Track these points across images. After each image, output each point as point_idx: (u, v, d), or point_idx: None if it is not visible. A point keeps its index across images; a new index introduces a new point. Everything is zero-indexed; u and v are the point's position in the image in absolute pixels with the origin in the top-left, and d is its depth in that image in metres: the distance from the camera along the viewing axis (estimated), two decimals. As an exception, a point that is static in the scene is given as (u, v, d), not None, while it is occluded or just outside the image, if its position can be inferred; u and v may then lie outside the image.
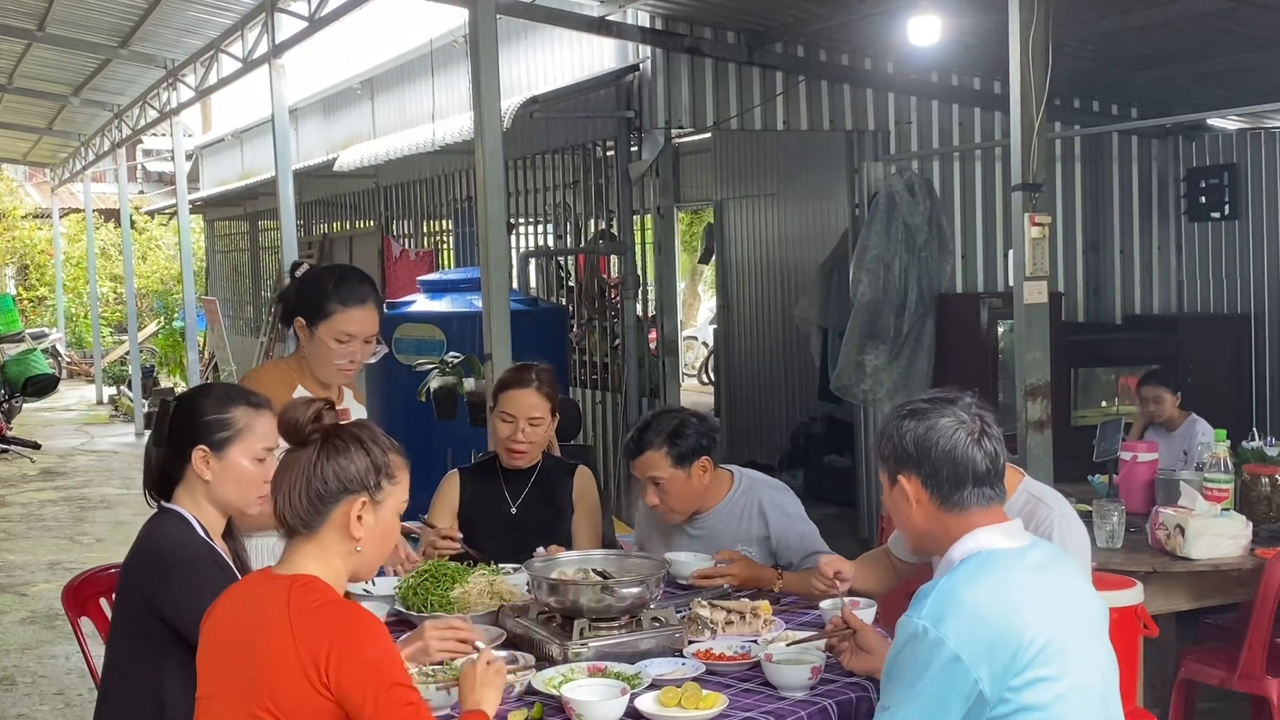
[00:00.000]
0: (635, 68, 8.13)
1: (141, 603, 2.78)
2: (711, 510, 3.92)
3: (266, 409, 2.91)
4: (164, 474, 2.93)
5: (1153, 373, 6.37)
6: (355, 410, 3.82)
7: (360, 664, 2.24)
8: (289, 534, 2.41)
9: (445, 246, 12.87)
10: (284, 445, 2.49)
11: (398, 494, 2.47)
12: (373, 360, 3.72)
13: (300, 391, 3.55)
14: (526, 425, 4.00)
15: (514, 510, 4.02)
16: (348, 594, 2.67)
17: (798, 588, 3.72)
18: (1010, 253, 5.68)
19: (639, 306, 8.93)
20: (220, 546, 2.90)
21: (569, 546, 3.93)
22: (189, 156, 18.87)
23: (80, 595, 3.70)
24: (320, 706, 2.25)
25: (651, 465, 3.80)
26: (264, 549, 3.34)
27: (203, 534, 2.86)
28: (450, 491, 4.12)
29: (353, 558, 2.42)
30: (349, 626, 2.27)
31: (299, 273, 3.70)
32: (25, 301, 24.18)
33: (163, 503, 2.92)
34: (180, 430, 2.90)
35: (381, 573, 4.02)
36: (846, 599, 3.19)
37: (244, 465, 2.88)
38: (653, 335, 8.99)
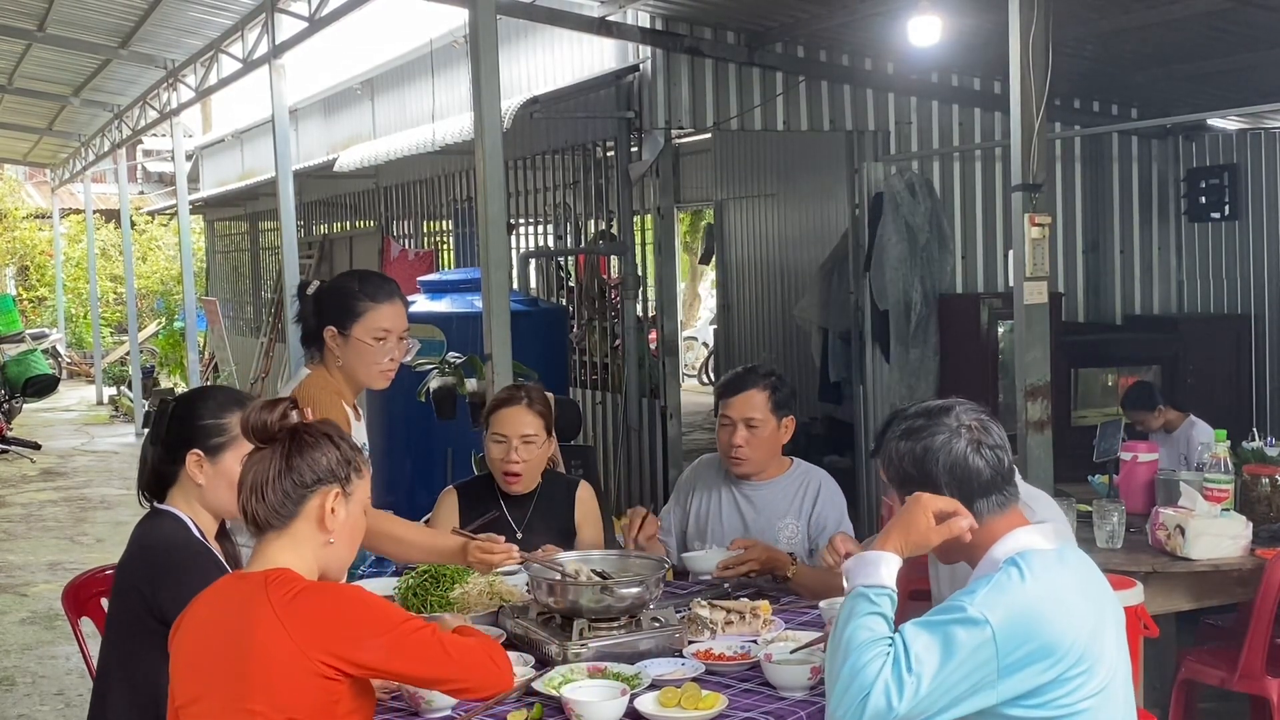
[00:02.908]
0: (635, 68, 8.13)
1: (140, 603, 2.78)
2: (769, 481, 4.04)
3: None
4: (158, 474, 2.93)
5: (1127, 398, 6.42)
6: (355, 427, 3.78)
7: (362, 632, 2.29)
8: (259, 531, 2.43)
9: (445, 247, 12.88)
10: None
11: (364, 489, 2.51)
12: (408, 358, 3.71)
13: (343, 406, 3.55)
14: (520, 444, 3.90)
15: (519, 535, 3.86)
16: None
17: (807, 581, 3.73)
18: (1010, 253, 5.68)
19: (639, 307, 8.93)
20: (214, 548, 2.90)
21: (572, 545, 3.92)
22: (189, 157, 18.87)
23: (80, 596, 3.70)
24: (321, 689, 2.28)
25: (751, 405, 3.94)
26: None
27: (199, 535, 2.86)
28: (449, 511, 4.01)
29: (325, 550, 2.45)
30: (335, 603, 2.32)
31: (311, 291, 3.68)
32: (25, 302, 24.18)
33: (156, 503, 2.92)
34: (176, 432, 2.91)
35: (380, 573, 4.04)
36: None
37: (237, 471, 2.86)
38: (653, 335, 8.98)
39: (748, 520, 4.00)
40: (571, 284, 10.30)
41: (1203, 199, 8.87)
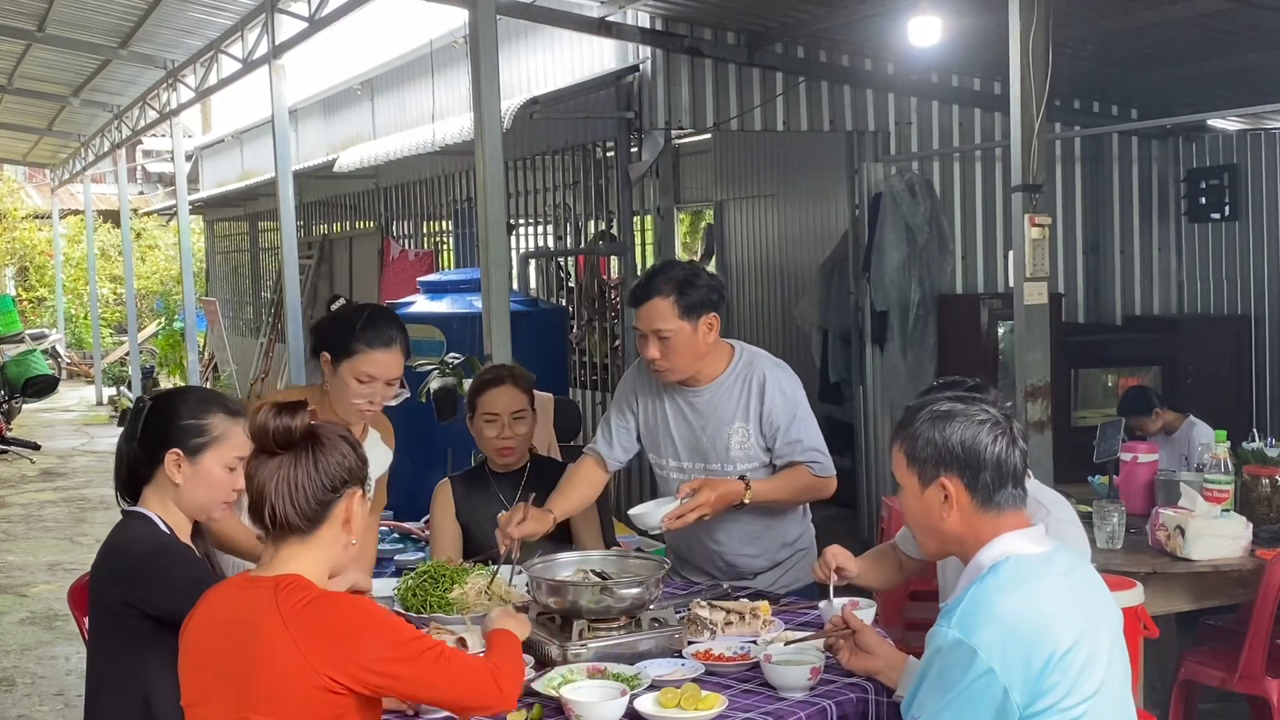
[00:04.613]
0: (635, 68, 8.13)
1: (117, 605, 2.77)
2: (710, 383, 3.77)
3: (243, 417, 2.88)
4: (134, 473, 2.92)
5: (1123, 404, 6.41)
6: (380, 452, 3.79)
7: (368, 648, 2.26)
8: (282, 537, 2.39)
9: (445, 247, 12.88)
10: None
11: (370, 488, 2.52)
12: (394, 403, 3.70)
13: None
14: (511, 420, 4.02)
15: None
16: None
17: (765, 497, 3.66)
18: (1010, 253, 5.69)
19: (639, 307, 8.91)
20: (188, 546, 2.89)
21: (570, 545, 3.93)
22: (189, 157, 18.88)
23: (85, 595, 3.70)
24: (326, 702, 2.26)
25: (657, 315, 3.64)
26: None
27: (169, 532, 2.85)
28: (447, 500, 4.12)
29: (344, 550, 2.43)
30: (343, 617, 2.29)
31: (335, 306, 3.71)
32: (25, 302, 24.17)
33: (127, 506, 2.92)
34: (154, 432, 2.88)
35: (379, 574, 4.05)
36: (846, 599, 3.19)
37: (216, 472, 2.86)
38: (653, 336, 8.96)
39: (695, 428, 3.81)
40: (571, 284, 10.31)
41: (1203, 199, 8.87)
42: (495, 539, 3.73)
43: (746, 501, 3.63)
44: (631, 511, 3.71)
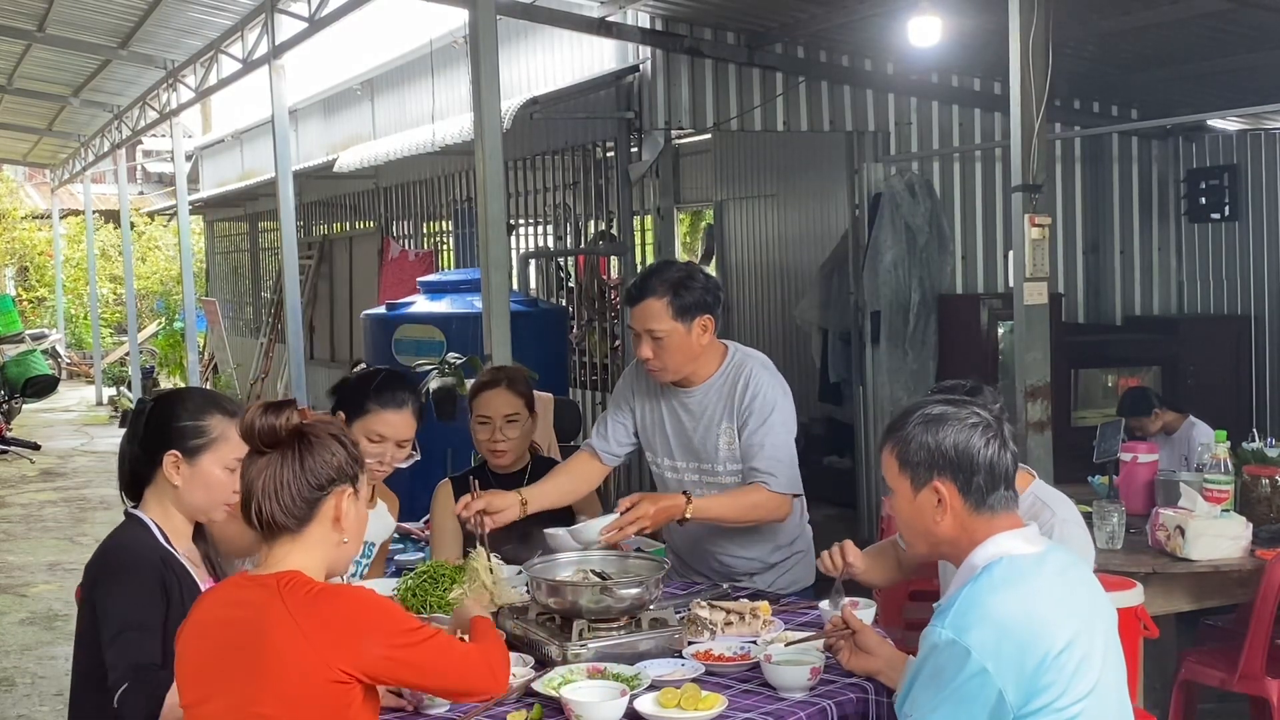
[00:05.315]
0: (635, 68, 8.14)
1: (92, 606, 2.79)
2: (702, 384, 3.79)
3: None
4: (135, 474, 2.92)
5: (1123, 405, 6.41)
6: (384, 523, 3.82)
7: (375, 638, 2.30)
8: (271, 535, 2.39)
9: (445, 247, 12.88)
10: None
11: (365, 483, 2.51)
12: (404, 466, 3.76)
13: None
14: (503, 423, 4.03)
15: None
16: None
17: (708, 514, 3.64)
18: (1010, 254, 5.69)
19: (639, 307, 8.91)
20: (186, 551, 2.89)
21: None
22: (189, 157, 18.88)
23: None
24: (335, 693, 2.27)
25: (651, 315, 3.65)
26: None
27: (163, 540, 2.84)
28: (447, 501, 4.10)
29: (338, 549, 2.43)
30: (351, 608, 2.31)
31: (356, 369, 3.77)
32: (25, 302, 24.18)
33: (129, 509, 2.92)
34: (154, 433, 2.89)
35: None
36: (846, 599, 3.19)
37: (215, 473, 2.87)
38: (653, 336, 8.96)
39: (688, 429, 3.82)
40: (571, 285, 10.31)
41: (1203, 199, 8.87)
42: (500, 544, 3.73)
43: (688, 516, 3.61)
44: (570, 529, 3.68)
